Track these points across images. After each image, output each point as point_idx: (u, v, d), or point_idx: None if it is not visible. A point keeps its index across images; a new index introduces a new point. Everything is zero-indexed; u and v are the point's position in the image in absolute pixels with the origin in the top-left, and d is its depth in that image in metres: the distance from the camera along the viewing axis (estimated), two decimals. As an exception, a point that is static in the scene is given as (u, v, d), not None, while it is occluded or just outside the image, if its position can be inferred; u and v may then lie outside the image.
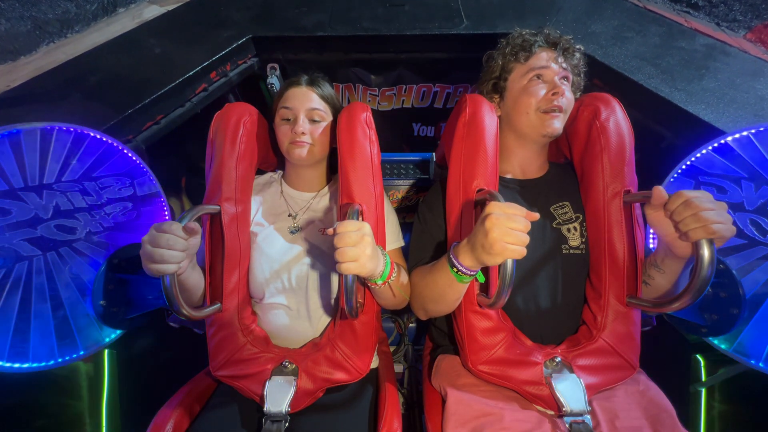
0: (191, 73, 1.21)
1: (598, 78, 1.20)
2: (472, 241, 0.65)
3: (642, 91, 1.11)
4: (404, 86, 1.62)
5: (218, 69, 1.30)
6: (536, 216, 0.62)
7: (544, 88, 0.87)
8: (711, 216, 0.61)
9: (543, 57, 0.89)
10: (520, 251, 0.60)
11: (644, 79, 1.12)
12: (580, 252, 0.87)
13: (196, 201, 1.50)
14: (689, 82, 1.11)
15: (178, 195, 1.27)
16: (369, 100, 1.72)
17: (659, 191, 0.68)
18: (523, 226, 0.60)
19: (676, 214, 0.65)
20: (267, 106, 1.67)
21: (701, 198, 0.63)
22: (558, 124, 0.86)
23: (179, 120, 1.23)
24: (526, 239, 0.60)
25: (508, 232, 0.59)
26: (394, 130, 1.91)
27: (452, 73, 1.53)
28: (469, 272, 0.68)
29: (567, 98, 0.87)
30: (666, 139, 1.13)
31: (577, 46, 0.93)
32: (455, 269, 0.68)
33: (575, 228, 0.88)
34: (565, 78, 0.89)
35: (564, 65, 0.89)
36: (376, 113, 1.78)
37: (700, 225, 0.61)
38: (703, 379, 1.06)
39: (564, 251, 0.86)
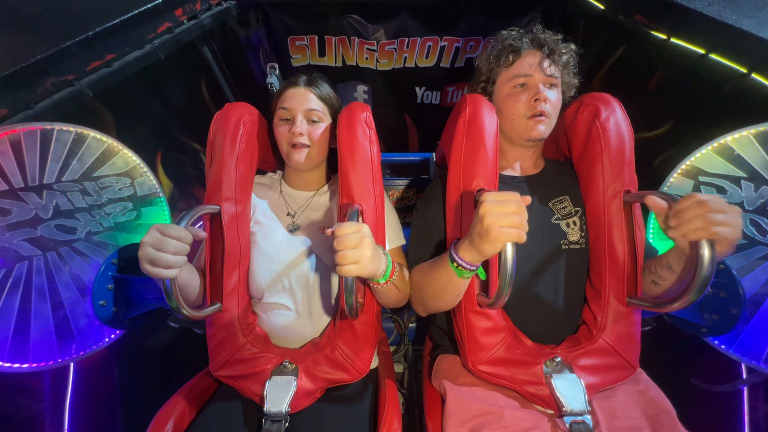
0: (149, 6, 1.01)
1: (641, 13, 1.05)
2: (471, 236, 0.65)
3: (701, 22, 0.96)
4: (407, 39, 1.44)
5: (185, 6, 1.11)
6: (529, 199, 0.63)
7: (527, 95, 0.87)
8: (716, 218, 0.60)
9: (526, 63, 0.88)
10: (518, 234, 0.60)
11: (703, 7, 0.97)
12: (579, 247, 0.87)
13: (175, 179, 1.36)
14: (760, 9, 0.95)
15: (153, 171, 1.13)
16: (366, 57, 1.52)
17: (654, 198, 0.68)
18: (516, 207, 0.60)
19: (685, 212, 0.63)
20: (257, 82, 1.55)
21: (713, 200, 0.61)
22: (542, 128, 0.87)
23: (137, 65, 1.03)
24: (522, 221, 0.60)
25: (503, 215, 0.59)
26: (395, 96, 1.72)
27: (462, 22, 1.36)
28: (469, 267, 0.68)
29: (552, 102, 0.87)
30: (731, 81, 0.98)
31: (566, 46, 0.91)
32: (455, 264, 0.69)
33: (575, 222, 0.88)
34: (552, 84, 0.89)
35: (550, 70, 0.88)
36: (373, 74, 1.60)
37: (702, 226, 0.61)
38: (743, 376, 1.00)
39: (563, 246, 0.86)
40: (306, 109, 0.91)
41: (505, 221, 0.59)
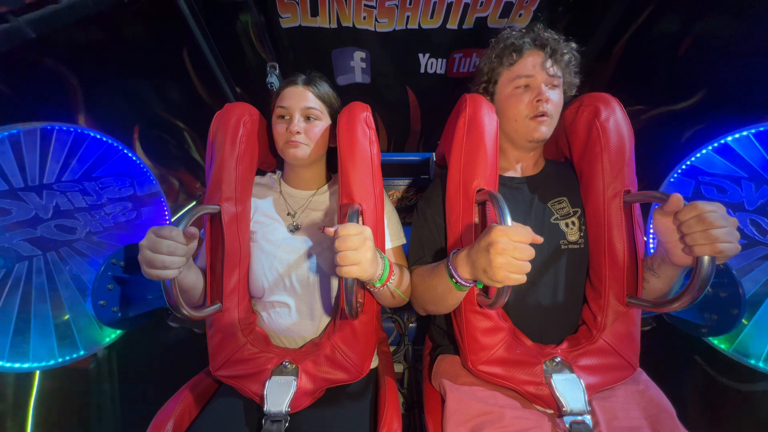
0: None
1: None
2: (472, 258, 0.65)
3: None
4: None
5: None
6: (540, 239, 0.62)
7: (529, 96, 0.87)
8: (721, 235, 0.60)
9: (529, 63, 0.87)
10: (521, 279, 0.59)
11: None
12: (578, 247, 0.87)
13: (154, 158, 1.30)
14: None
15: (130, 148, 1.03)
16: (364, 16, 1.37)
17: (678, 199, 0.65)
18: (528, 255, 0.59)
19: (686, 226, 0.64)
20: (244, 55, 1.48)
21: (716, 214, 0.62)
22: (544, 129, 0.87)
23: (92, 7, 0.89)
24: (529, 267, 0.59)
25: (513, 262, 0.58)
26: (396, 64, 1.56)
27: None
28: (467, 284, 0.69)
29: (554, 102, 0.87)
30: None
31: (567, 46, 0.89)
32: (454, 280, 0.69)
33: (573, 222, 0.88)
34: (554, 85, 0.88)
35: (552, 70, 0.87)
36: (372, 37, 1.45)
37: (708, 242, 0.61)
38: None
39: (563, 247, 0.87)
40: (303, 107, 0.91)
41: (514, 267, 0.59)
